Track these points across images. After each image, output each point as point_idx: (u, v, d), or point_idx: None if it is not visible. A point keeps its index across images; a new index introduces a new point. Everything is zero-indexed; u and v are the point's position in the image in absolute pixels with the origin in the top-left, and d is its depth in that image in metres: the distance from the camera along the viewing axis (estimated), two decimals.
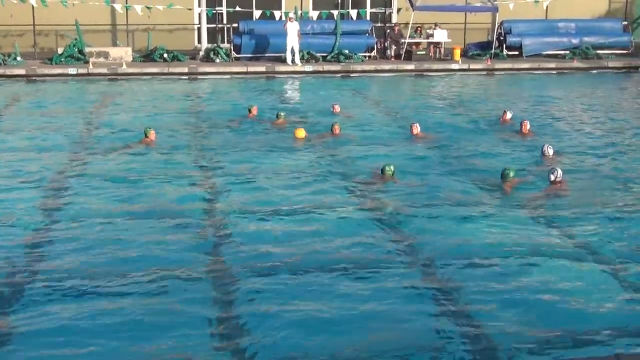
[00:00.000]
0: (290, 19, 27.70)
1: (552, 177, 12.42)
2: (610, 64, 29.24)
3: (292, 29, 27.37)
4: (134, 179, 13.03)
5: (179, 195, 12.18)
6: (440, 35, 29.71)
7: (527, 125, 16.81)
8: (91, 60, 26.99)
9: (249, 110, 18.60)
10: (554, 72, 28.55)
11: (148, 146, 15.41)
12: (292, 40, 27.44)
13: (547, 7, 31.77)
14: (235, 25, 29.36)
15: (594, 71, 28.63)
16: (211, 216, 11.24)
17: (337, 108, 19.25)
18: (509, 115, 18.20)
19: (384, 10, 31.26)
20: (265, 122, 18.03)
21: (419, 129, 16.55)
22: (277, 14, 29.93)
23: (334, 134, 16.27)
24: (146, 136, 15.67)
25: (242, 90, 24.05)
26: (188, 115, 19.65)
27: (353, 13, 30.65)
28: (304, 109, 20.22)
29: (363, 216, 11.22)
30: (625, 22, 31.63)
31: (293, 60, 27.67)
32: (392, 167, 12.89)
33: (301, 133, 16.24)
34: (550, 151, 14.42)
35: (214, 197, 12.19)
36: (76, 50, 27.41)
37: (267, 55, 28.76)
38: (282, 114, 18.22)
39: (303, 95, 24.03)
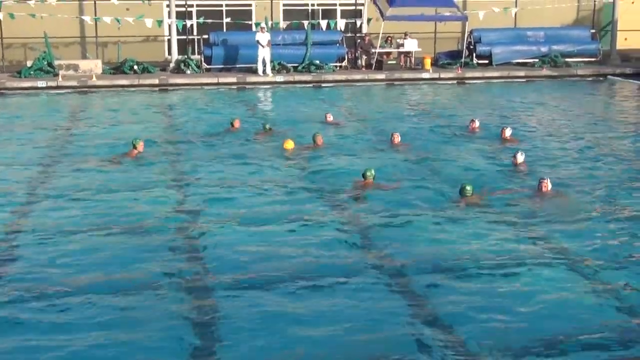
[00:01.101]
0: (262, 29, 27.65)
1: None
2: (579, 72, 29.52)
3: (264, 40, 27.31)
4: (116, 191, 12.98)
5: (159, 207, 12.12)
6: (411, 45, 29.81)
7: (507, 132, 16.93)
8: (60, 73, 26.72)
9: (231, 124, 18.37)
10: (524, 80, 28.75)
11: (135, 157, 15.21)
12: (264, 51, 27.38)
13: (515, 15, 32.08)
14: (205, 36, 29.26)
15: (563, 79, 28.89)
16: (192, 228, 11.18)
17: (330, 117, 19.18)
18: (477, 124, 18.28)
19: (354, 21, 31.30)
20: (248, 133, 17.92)
21: (399, 138, 16.59)
22: (247, 24, 29.84)
23: (317, 145, 16.20)
24: (134, 147, 15.43)
25: (216, 102, 23.94)
26: (165, 128, 19.53)
27: (323, 23, 30.66)
28: (282, 119, 20.11)
29: (342, 226, 11.28)
30: (593, 30, 32.02)
31: (264, 71, 27.60)
32: (372, 172, 13.12)
33: (290, 144, 16.12)
34: (520, 158, 14.53)
35: (196, 210, 12.12)
36: (45, 63, 27.11)
37: (238, 66, 28.64)
38: (267, 125, 18.08)
39: (278, 105, 23.95)
